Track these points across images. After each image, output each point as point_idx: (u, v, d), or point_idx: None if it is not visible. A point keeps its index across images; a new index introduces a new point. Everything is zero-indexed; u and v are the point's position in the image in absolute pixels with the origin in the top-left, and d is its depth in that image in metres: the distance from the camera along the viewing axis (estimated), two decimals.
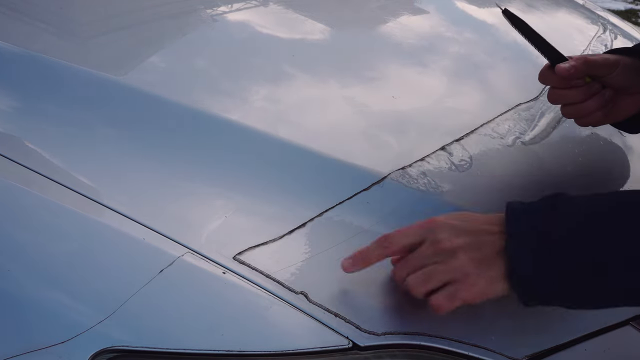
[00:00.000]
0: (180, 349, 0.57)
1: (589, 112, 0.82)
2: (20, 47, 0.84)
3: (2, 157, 0.69)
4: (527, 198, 0.72)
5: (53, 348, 0.56)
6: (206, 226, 0.66)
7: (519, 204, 0.63)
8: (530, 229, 0.60)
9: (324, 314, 0.61)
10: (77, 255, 0.62)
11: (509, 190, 0.81)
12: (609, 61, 0.80)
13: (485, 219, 0.64)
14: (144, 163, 0.72)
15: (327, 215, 0.70)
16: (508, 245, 0.60)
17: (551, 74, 0.81)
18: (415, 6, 1.29)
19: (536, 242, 0.59)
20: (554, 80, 0.82)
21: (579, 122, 0.86)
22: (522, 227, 0.61)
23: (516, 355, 0.64)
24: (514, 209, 0.62)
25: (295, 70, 0.94)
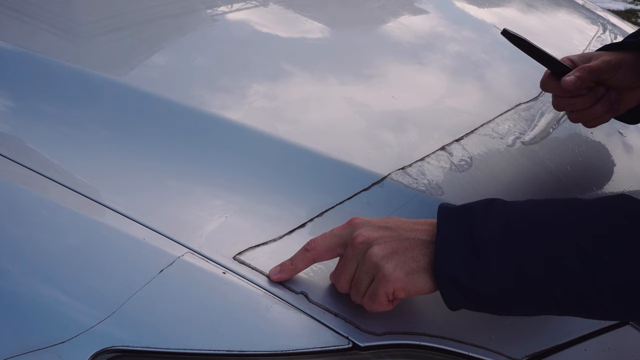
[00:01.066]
0: (180, 349, 0.57)
1: (597, 116, 0.83)
2: (20, 47, 0.84)
3: (2, 157, 0.69)
4: (526, 198, 0.72)
5: (53, 348, 0.56)
6: (206, 226, 0.66)
7: (452, 205, 0.62)
8: (458, 226, 0.59)
9: (324, 314, 0.61)
10: (77, 255, 0.62)
11: (508, 190, 0.81)
12: (612, 64, 0.79)
13: (412, 220, 0.63)
14: (144, 163, 0.72)
15: (327, 215, 0.70)
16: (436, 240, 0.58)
17: (553, 82, 0.82)
18: (415, 6, 1.29)
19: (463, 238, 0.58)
20: (556, 89, 0.82)
21: (587, 125, 0.86)
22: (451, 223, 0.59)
23: (516, 355, 0.64)
24: (446, 207, 0.61)
25: (296, 70, 0.94)
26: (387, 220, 0.62)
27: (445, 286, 0.58)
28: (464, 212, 0.60)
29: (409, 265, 0.59)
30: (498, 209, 0.60)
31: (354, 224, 0.62)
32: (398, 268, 0.59)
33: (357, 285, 0.61)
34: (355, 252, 0.61)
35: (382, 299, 0.59)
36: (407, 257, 0.59)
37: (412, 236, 0.60)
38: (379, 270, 0.59)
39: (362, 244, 0.60)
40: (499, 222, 0.58)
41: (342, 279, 0.62)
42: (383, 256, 0.59)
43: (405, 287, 0.59)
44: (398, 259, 0.59)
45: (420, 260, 0.59)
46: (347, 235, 0.62)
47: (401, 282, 0.59)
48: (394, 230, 0.61)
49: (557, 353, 0.66)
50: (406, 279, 0.59)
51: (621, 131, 1.00)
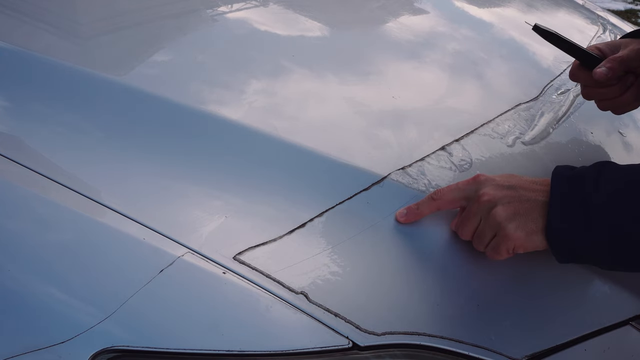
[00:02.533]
0: (181, 349, 0.57)
1: (627, 103, 0.84)
2: (20, 47, 0.84)
3: (3, 157, 0.69)
4: None
5: (53, 348, 0.56)
6: (206, 226, 0.66)
7: (566, 168, 0.67)
8: (572, 190, 0.64)
9: (324, 314, 0.61)
10: (77, 256, 0.62)
11: None
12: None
13: (530, 179, 0.69)
14: (144, 163, 0.72)
15: (327, 215, 0.70)
16: (550, 203, 0.64)
17: (582, 72, 0.84)
18: (415, 6, 1.29)
19: (577, 203, 0.63)
20: (586, 79, 0.84)
21: (616, 112, 0.88)
22: (564, 188, 0.65)
23: (516, 355, 0.64)
24: (560, 172, 0.67)
25: (296, 70, 0.94)
26: (510, 179, 0.69)
27: (556, 246, 0.65)
28: (576, 178, 0.65)
29: (529, 227, 0.66)
30: (608, 175, 0.64)
31: (479, 181, 0.70)
32: (519, 229, 0.66)
33: (480, 237, 0.69)
34: (480, 209, 0.68)
35: (503, 253, 0.67)
36: (527, 219, 0.66)
37: (532, 197, 0.66)
38: (502, 229, 0.66)
39: (487, 202, 0.68)
40: (609, 189, 0.63)
41: (466, 230, 0.70)
42: (506, 217, 0.66)
43: (524, 245, 0.66)
44: (519, 220, 0.66)
45: (538, 222, 0.66)
46: (472, 191, 0.70)
47: (521, 240, 0.66)
48: (516, 190, 0.67)
49: (557, 353, 0.66)
50: (526, 239, 0.66)
51: (621, 131, 1.00)
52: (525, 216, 0.66)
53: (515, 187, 0.68)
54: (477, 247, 0.69)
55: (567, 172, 0.67)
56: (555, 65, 1.12)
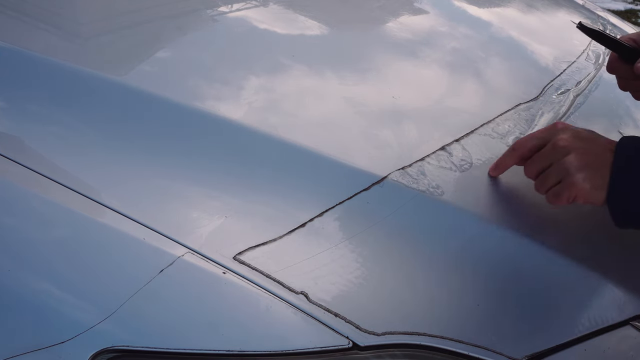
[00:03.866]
0: (181, 349, 0.57)
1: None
2: (20, 47, 0.84)
3: (3, 157, 0.69)
4: (527, 197, 0.73)
5: (53, 348, 0.56)
6: (206, 226, 0.66)
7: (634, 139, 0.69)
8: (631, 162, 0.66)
9: (324, 314, 0.61)
10: (77, 256, 0.62)
11: (508, 190, 0.81)
12: None
13: (608, 139, 0.70)
14: (144, 163, 0.72)
15: (327, 215, 0.70)
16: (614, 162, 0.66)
17: (620, 64, 0.86)
18: (415, 6, 1.29)
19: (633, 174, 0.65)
20: (624, 72, 0.86)
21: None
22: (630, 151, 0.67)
23: (516, 355, 0.64)
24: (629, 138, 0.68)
25: (296, 70, 0.94)
26: (588, 133, 0.70)
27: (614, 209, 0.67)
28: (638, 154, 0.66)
29: (596, 181, 0.67)
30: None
31: (558, 128, 0.72)
32: (587, 180, 0.67)
33: (544, 179, 0.70)
34: (554, 152, 0.70)
35: (564, 199, 0.69)
36: (596, 173, 0.67)
37: (604, 155, 0.68)
38: (570, 177, 0.68)
39: (562, 148, 0.69)
40: None
41: (533, 169, 0.72)
42: (577, 166, 0.68)
43: (586, 197, 0.68)
44: (589, 172, 0.67)
45: (606, 179, 0.67)
46: (549, 137, 0.71)
47: (585, 192, 0.68)
48: (593, 143, 0.69)
49: (557, 353, 0.66)
50: (590, 192, 0.68)
51: (621, 131, 1.00)
52: (595, 170, 0.67)
53: (593, 140, 0.69)
54: (538, 188, 0.71)
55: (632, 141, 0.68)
56: (555, 65, 1.12)
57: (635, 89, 0.88)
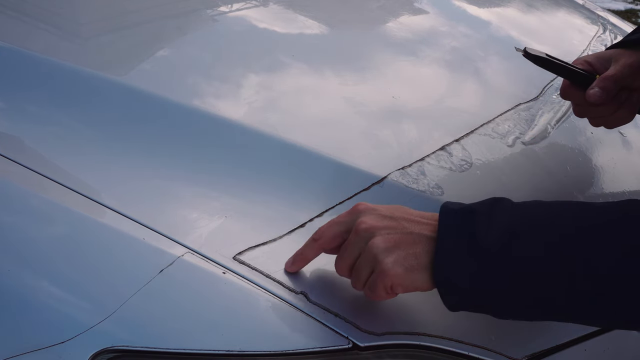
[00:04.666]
0: (180, 349, 0.57)
1: (620, 119, 0.82)
2: (20, 47, 0.84)
3: (3, 157, 0.69)
4: (527, 198, 0.72)
5: (53, 348, 0.56)
6: (206, 226, 0.66)
7: (456, 204, 0.60)
8: (461, 228, 0.57)
9: (324, 314, 0.61)
10: (77, 256, 0.62)
11: (508, 190, 0.81)
12: (634, 67, 0.78)
13: (418, 212, 0.61)
14: (144, 163, 0.72)
15: (327, 215, 0.70)
16: (437, 240, 0.57)
17: (574, 91, 0.81)
18: (415, 6, 1.29)
19: (466, 242, 0.56)
20: (577, 98, 0.82)
21: (609, 127, 0.85)
22: (453, 224, 0.57)
23: (516, 355, 0.64)
24: (449, 206, 0.59)
25: (296, 70, 0.94)
26: (393, 210, 0.61)
27: (444, 289, 0.57)
28: (467, 215, 0.58)
29: (409, 262, 0.58)
30: (502, 213, 0.57)
31: (359, 210, 0.62)
32: (397, 263, 0.57)
33: (357, 273, 0.60)
34: (358, 240, 0.60)
35: (380, 291, 0.59)
36: (408, 253, 0.58)
37: (416, 230, 0.59)
38: (379, 264, 0.58)
39: (364, 232, 0.59)
40: (502, 229, 0.56)
41: (343, 265, 0.61)
42: (384, 249, 0.58)
43: (403, 283, 0.58)
44: (399, 253, 0.58)
45: (421, 258, 0.57)
46: (352, 222, 0.61)
47: (400, 278, 0.58)
48: (398, 221, 0.60)
49: (557, 353, 0.66)
50: (405, 276, 0.57)
51: (621, 131, 1.00)
52: (406, 250, 0.58)
53: (399, 218, 0.60)
54: (354, 285, 0.61)
55: (456, 206, 0.59)
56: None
57: (592, 115, 0.83)
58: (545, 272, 0.54)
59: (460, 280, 0.56)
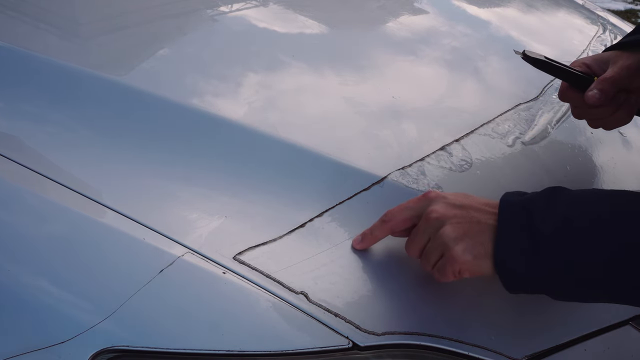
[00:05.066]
0: (180, 349, 0.57)
1: (618, 121, 0.82)
2: (20, 47, 0.84)
3: (2, 157, 0.69)
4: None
5: (53, 348, 0.56)
6: (206, 226, 0.66)
7: (515, 195, 0.64)
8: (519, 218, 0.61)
9: (324, 314, 0.61)
10: (77, 255, 0.62)
11: (508, 190, 0.81)
12: (632, 69, 0.78)
13: (484, 200, 0.65)
14: (144, 163, 0.72)
15: (327, 215, 0.70)
16: (497, 230, 0.61)
17: (572, 93, 0.82)
18: (415, 6, 1.29)
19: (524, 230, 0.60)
20: (576, 100, 0.82)
21: (607, 129, 0.86)
22: (511, 214, 0.61)
23: (516, 355, 0.64)
24: (509, 197, 0.63)
25: (296, 70, 0.94)
26: (461, 198, 0.65)
27: (503, 274, 0.61)
28: (525, 204, 0.61)
29: (477, 250, 0.62)
30: (558, 201, 0.61)
31: (429, 198, 0.66)
32: (467, 251, 0.62)
33: (427, 256, 0.64)
34: (428, 226, 0.64)
35: (449, 275, 0.63)
36: (476, 242, 0.62)
37: (482, 219, 0.63)
38: (449, 250, 0.62)
39: (435, 220, 0.64)
40: (558, 217, 0.59)
41: (414, 248, 0.66)
42: (454, 237, 0.62)
43: (470, 269, 0.62)
44: (467, 242, 0.62)
45: (487, 246, 0.61)
46: (422, 209, 0.65)
47: (468, 264, 0.62)
48: (466, 210, 0.63)
49: (557, 353, 0.66)
50: (473, 262, 0.62)
51: (621, 131, 1.00)
52: (474, 238, 0.62)
53: (467, 206, 0.64)
54: (424, 266, 0.66)
55: (515, 198, 0.63)
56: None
57: (590, 116, 0.84)
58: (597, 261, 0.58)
59: (518, 266, 0.60)
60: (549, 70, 0.83)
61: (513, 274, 0.61)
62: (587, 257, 0.58)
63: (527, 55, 0.82)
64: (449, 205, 0.64)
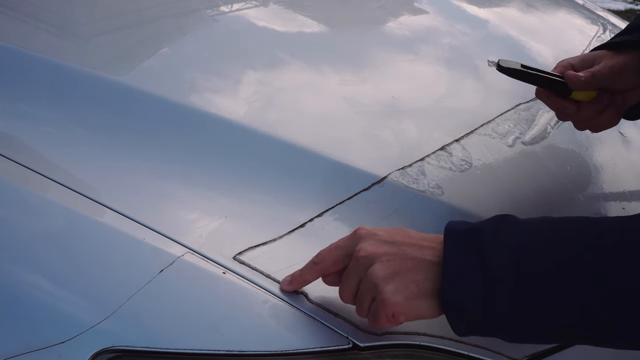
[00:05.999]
0: (180, 349, 0.57)
1: (605, 122, 0.80)
2: (20, 47, 0.84)
3: (3, 157, 0.69)
4: (527, 198, 0.72)
5: (53, 348, 0.56)
6: (206, 226, 0.66)
7: (460, 224, 0.58)
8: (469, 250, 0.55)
9: (324, 314, 0.61)
10: (77, 255, 0.62)
11: (508, 190, 0.81)
12: (615, 69, 0.77)
13: (420, 235, 0.59)
14: (144, 163, 0.72)
15: (327, 215, 0.70)
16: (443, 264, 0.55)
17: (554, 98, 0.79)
18: (415, 6, 1.29)
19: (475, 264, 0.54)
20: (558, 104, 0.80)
21: (594, 131, 0.84)
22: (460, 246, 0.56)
23: (516, 355, 0.64)
24: (454, 227, 0.57)
25: (295, 70, 0.94)
26: (394, 234, 0.59)
27: (452, 315, 0.56)
28: (473, 237, 0.56)
29: (410, 290, 0.56)
30: (508, 233, 0.55)
31: (359, 236, 0.60)
32: (398, 292, 0.56)
33: (360, 301, 0.59)
34: (358, 267, 0.58)
35: (383, 320, 0.57)
36: (408, 280, 0.56)
37: (418, 255, 0.57)
38: (379, 293, 0.56)
39: (364, 259, 0.58)
40: (509, 252, 0.54)
41: (346, 293, 0.60)
42: (384, 277, 0.56)
43: (405, 312, 0.57)
44: (399, 281, 0.56)
45: (423, 285, 0.56)
46: (352, 248, 0.60)
47: (400, 306, 0.56)
48: (398, 247, 0.58)
49: (557, 353, 0.66)
50: (405, 304, 0.56)
51: (621, 131, 1.00)
52: (406, 277, 0.56)
53: (399, 243, 0.58)
54: (359, 313, 0.60)
55: (460, 227, 0.57)
56: (555, 64, 1.12)
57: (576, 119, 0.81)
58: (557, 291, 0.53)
59: (470, 303, 0.54)
60: (527, 79, 0.79)
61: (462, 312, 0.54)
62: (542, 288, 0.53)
63: (501, 66, 0.78)
64: (379, 242, 0.58)
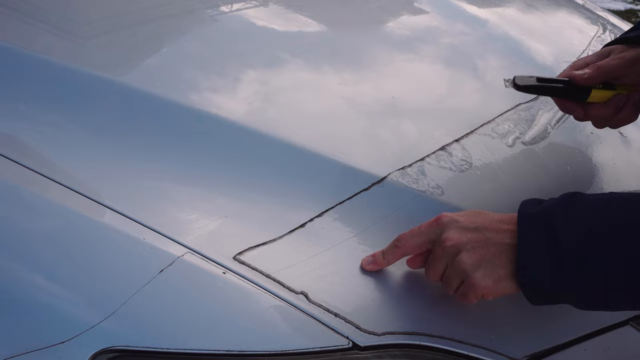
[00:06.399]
0: (180, 349, 0.57)
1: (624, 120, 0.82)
2: (20, 47, 0.84)
3: (3, 157, 0.69)
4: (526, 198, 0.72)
5: (53, 348, 0.56)
6: (206, 226, 0.66)
7: (532, 205, 0.63)
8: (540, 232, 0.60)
9: (324, 314, 0.61)
10: (77, 256, 0.62)
11: (508, 190, 0.81)
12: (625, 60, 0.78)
13: (497, 217, 0.64)
14: (144, 163, 0.72)
15: (327, 215, 0.70)
16: (519, 247, 0.61)
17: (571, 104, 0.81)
18: (415, 6, 1.29)
19: (546, 244, 0.59)
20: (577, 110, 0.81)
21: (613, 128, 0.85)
22: (533, 229, 0.61)
23: (516, 355, 0.64)
24: (526, 209, 0.63)
25: (295, 70, 0.94)
26: (474, 219, 0.64)
27: (528, 290, 0.61)
28: (544, 217, 0.61)
29: (497, 273, 0.61)
30: (578, 210, 0.60)
31: (442, 223, 0.65)
32: (487, 277, 0.62)
33: (448, 283, 0.64)
34: (445, 254, 0.64)
35: (472, 299, 0.63)
36: (494, 265, 0.62)
37: (499, 240, 0.62)
38: (468, 278, 0.62)
39: (451, 248, 0.63)
40: (580, 228, 0.59)
41: (433, 275, 0.65)
42: (472, 264, 0.62)
43: (493, 292, 0.62)
44: (486, 266, 0.62)
45: (506, 267, 0.61)
46: (435, 234, 0.65)
47: (489, 288, 0.62)
48: (481, 232, 0.63)
49: (557, 353, 0.66)
50: (494, 286, 0.62)
51: (621, 131, 1.00)
52: (492, 262, 0.62)
53: (481, 228, 0.63)
54: (446, 291, 0.66)
55: (533, 209, 0.63)
56: (555, 64, 1.12)
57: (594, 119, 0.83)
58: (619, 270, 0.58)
59: (542, 282, 0.60)
60: (544, 92, 0.81)
61: (538, 291, 0.60)
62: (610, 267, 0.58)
63: (518, 84, 0.80)
64: (463, 230, 0.63)
